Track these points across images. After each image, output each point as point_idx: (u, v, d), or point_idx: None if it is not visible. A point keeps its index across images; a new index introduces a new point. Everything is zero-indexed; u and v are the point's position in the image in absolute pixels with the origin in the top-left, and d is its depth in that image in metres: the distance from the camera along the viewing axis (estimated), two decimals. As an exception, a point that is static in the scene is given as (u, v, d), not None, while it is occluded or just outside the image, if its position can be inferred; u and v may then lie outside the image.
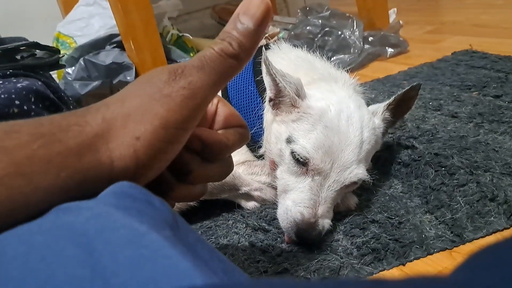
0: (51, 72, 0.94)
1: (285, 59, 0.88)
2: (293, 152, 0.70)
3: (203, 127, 0.43)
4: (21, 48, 0.77)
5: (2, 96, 0.52)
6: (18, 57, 0.77)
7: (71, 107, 0.76)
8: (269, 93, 0.76)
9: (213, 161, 0.43)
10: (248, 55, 0.37)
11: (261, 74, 0.82)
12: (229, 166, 0.46)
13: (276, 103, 0.75)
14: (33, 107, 0.55)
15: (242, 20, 0.36)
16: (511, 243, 0.20)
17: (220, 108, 0.45)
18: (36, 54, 0.78)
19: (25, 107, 0.54)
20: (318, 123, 0.69)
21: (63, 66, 0.97)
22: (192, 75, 0.35)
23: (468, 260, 0.21)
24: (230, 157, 0.47)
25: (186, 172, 0.41)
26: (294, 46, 0.94)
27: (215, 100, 0.45)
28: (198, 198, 0.45)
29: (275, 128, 0.76)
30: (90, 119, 0.33)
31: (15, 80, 0.55)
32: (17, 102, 0.53)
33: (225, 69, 0.36)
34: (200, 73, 0.35)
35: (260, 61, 0.88)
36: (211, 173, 0.43)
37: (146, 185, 0.36)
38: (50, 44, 1.71)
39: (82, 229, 0.26)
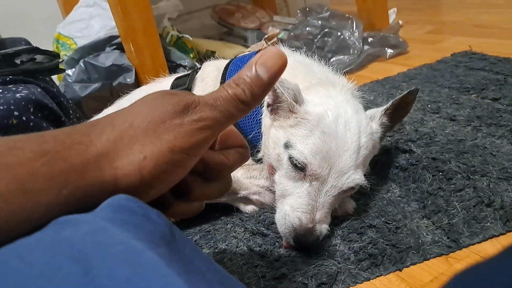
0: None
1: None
2: (291, 158, 0.70)
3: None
4: (21, 52, 0.78)
5: (1, 107, 0.53)
6: (18, 61, 0.77)
7: (71, 111, 0.76)
8: (267, 99, 0.76)
9: (213, 181, 0.45)
10: (257, 102, 0.40)
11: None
12: (228, 184, 0.48)
13: (274, 108, 0.76)
14: (32, 117, 0.56)
15: (258, 70, 0.38)
16: (492, 263, 0.21)
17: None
18: (36, 59, 0.78)
19: (24, 118, 0.54)
20: (316, 129, 0.70)
21: (63, 71, 0.97)
22: (204, 111, 0.37)
23: (454, 278, 0.21)
24: (229, 175, 0.48)
25: (186, 191, 0.43)
26: (293, 50, 0.94)
27: None
28: (195, 214, 0.47)
29: (273, 133, 0.76)
30: (95, 139, 0.34)
31: (14, 89, 0.55)
32: (16, 113, 0.53)
33: (234, 112, 0.38)
34: (212, 111, 0.37)
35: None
36: (210, 192, 0.45)
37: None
38: (50, 45, 1.72)
39: (79, 245, 0.27)
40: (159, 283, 0.24)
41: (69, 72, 1.45)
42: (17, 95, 0.54)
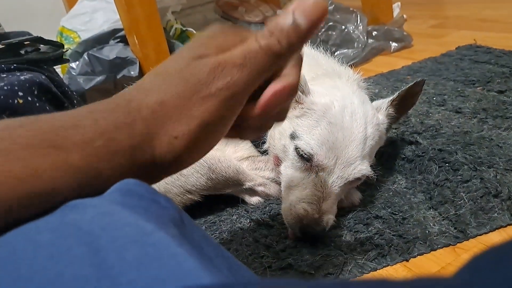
0: (55, 68, 0.94)
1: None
2: (297, 148, 0.70)
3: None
4: (25, 42, 0.78)
5: (5, 87, 0.52)
6: (22, 51, 0.77)
7: (75, 101, 0.76)
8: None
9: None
10: (291, 55, 0.36)
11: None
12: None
13: (280, 99, 0.75)
14: (36, 99, 0.55)
15: (297, 17, 0.34)
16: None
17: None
18: (40, 49, 0.78)
19: (29, 98, 0.54)
20: (322, 119, 0.69)
21: (67, 61, 0.97)
22: (232, 74, 0.34)
23: (471, 261, 0.21)
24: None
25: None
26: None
27: None
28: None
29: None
30: (137, 117, 0.34)
31: (18, 74, 0.55)
32: (20, 93, 0.53)
33: (266, 68, 0.35)
34: (240, 72, 0.34)
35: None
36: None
37: None
38: (54, 39, 1.72)
39: (88, 227, 0.26)
40: (171, 262, 0.24)
41: (73, 65, 1.45)
42: (21, 77, 0.53)
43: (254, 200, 0.85)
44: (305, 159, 0.69)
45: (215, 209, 0.86)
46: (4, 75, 0.56)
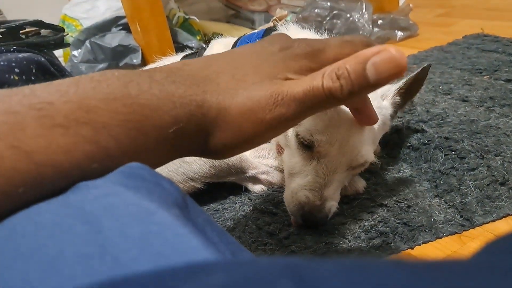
0: (57, 55, 0.93)
1: (292, 40, 0.86)
2: (298, 135, 0.69)
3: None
4: (26, 26, 0.77)
5: (2, 63, 0.51)
6: (23, 36, 0.76)
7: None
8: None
9: None
10: (348, 100, 0.34)
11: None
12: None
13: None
14: (33, 78, 0.54)
15: (369, 69, 0.31)
16: None
17: None
18: (40, 33, 0.77)
19: (24, 77, 0.53)
20: None
21: (68, 45, 0.96)
22: (289, 106, 0.33)
23: (488, 245, 0.20)
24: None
25: None
26: (303, 28, 0.92)
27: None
28: None
29: (282, 111, 0.75)
30: (206, 108, 0.34)
31: (17, 53, 0.54)
32: (17, 70, 0.52)
33: (321, 107, 0.35)
34: (297, 107, 0.34)
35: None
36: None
37: None
38: (56, 26, 1.70)
39: (90, 207, 0.26)
40: (175, 241, 0.23)
41: (75, 52, 1.44)
42: (19, 55, 0.53)
43: (257, 188, 0.84)
44: (306, 146, 0.68)
45: (218, 197, 0.85)
46: (3, 54, 0.55)
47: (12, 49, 0.59)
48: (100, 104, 0.28)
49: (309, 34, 0.89)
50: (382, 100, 0.75)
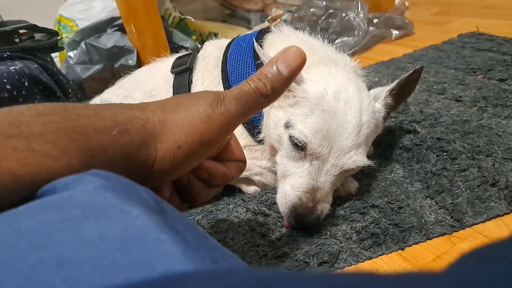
0: (53, 56, 0.93)
1: (285, 42, 0.86)
2: (291, 137, 0.69)
3: (214, 153, 0.48)
4: (20, 30, 0.77)
5: None
6: (17, 40, 0.76)
7: (70, 90, 0.76)
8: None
9: (213, 187, 0.50)
10: (276, 96, 0.43)
11: (261, 57, 0.81)
12: (221, 189, 0.53)
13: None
14: (24, 92, 0.55)
15: (279, 66, 0.42)
16: (506, 242, 0.20)
17: (232, 142, 0.51)
18: (34, 37, 0.77)
19: (15, 92, 0.54)
20: (316, 107, 0.69)
21: (62, 49, 0.96)
22: (231, 104, 0.41)
23: (461, 258, 0.21)
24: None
25: (193, 197, 0.48)
26: (296, 29, 0.92)
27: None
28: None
29: (273, 113, 0.75)
30: (150, 117, 0.38)
31: (9, 63, 0.54)
32: (8, 86, 0.53)
33: (255, 104, 0.42)
34: (237, 104, 0.41)
35: (261, 44, 0.87)
36: (209, 196, 0.51)
37: None
38: (52, 27, 1.70)
39: (69, 209, 0.26)
40: (156, 246, 0.23)
41: (71, 54, 1.44)
42: (11, 68, 0.53)
43: (250, 189, 0.85)
44: (299, 147, 0.69)
45: (212, 198, 0.85)
46: (-5, 66, 0.56)
47: (5, 55, 0.59)
48: (33, 119, 0.30)
49: (302, 36, 0.89)
50: (374, 102, 0.75)
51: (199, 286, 0.18)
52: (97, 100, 1.01)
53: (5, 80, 0.52)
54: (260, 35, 0.91)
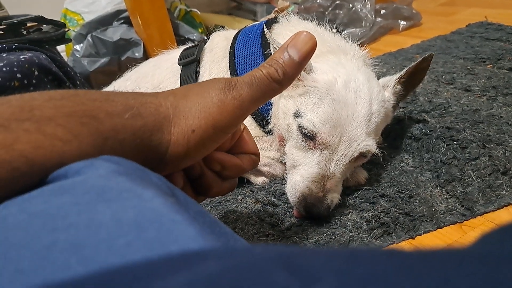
0: (59, 50, 0.93)
1: (293, 32, 0.85)
2: (300, 127, 0.69)
3: (227, 145, 0.48)
4: (27, 22, 0.77)
5: (4, 69, 0.52)
6: (24, 32, 0.76)
7: (78, 82, 0.76)
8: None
9: (226, 179, 0.50)
10: (289, 81, 0.43)
11: (269, 47, 0.81)
12: (235, 182, 0.52)
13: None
14: (34, 81, 0.55)
15: (290, 52, 0.42)
16: None
17: (245, 134, 0.50)
18: (42, 29, 0.77)
19: (25, 81, 0.54)
20: (325, 97, 0.68)
21: (69, 41, 0.96)
22: (243, 89, 0.41)
23: (484, 236, 0.20)
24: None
25: (207, 188, 0.48)
26: (303, 19, 0.91)
27: (242, 126, 0.50)
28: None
29: (283, 103, 0.75)
30: (162, 102, 0.38)
31: (19, 53, 0.54)
32: (18, 75, 0.52)
33: (268, 90, 0.42)
34: (249, 89, 0.41)
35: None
36: (223, 189, 0.50)
37: None
38: (58, 21, 1.71)
39: (82, 192, 0.26)
40: (171, 228, 0.23)
41: (77, 47, 1.44)
42: (21, 57, 0.53)
43: (259, 180, 0.85)
44: (309, 137, 0.68)
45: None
46: (5, 55, 0.56)
47: (13, 46, 0.59)
48: (45, 104, 0.30)
49: (310, 25, 0.88)
50: (384, 89, 0.75)
51: (220, 261, 0.18)
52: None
53: (15, 69, 0.52)
54: (268, 25, 0.90)
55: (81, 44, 1.44)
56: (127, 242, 0.22)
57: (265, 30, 0.75)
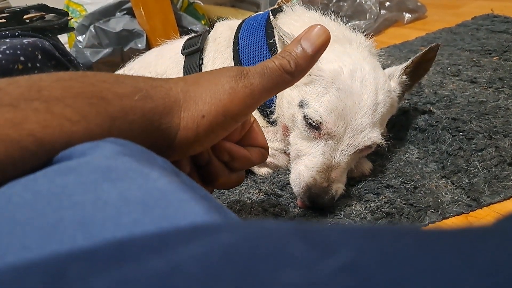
0: (62, 41, 0.92)
1: (298, 21, 0.85)
2: (305, 116, 0.68)
3: (237, 136, 0.48)
4: (30, 11, 0.76)
5: (7, 51, 0.51)
6: (27, 20, 0.76)
7: (80, 69, 0.75)
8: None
9: (234, 171, 0.49)
10: (301, 74, 0.43)
11: (273, 37, 0.80)
12: (243, 175, 0.52)
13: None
14: (38, 65, 0.54)
15: (303, 44, 0.42)
16: None
17: (255, 126, 0.50)
18: (45, 17, 0.77)
19: (29, 64, 0.53)
20: (331, 86, 0.67)
21: (72, 29, 0.96)
22: (254, 78, 0.40)
23: (508, 216, 0.20)
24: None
25: (214, 178, 0.47)
26: (308, 8, 0.90)
27: (252, 118, 0.50)
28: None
29: (287, 92, 0.74)
30: (173, 86, 0.38)
31: (22, 38, 0.54)
32: (22, 58, 0.52)
33: (280, 81, 0.42)
34: (260, 79, 0.40)
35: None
36: (231, 180, 0.49)
37: None
38: (60, 12, 1.70)
39: (88, 172, 0.25)
40: (178, 205, 0.23)
41: (80, 38, 1.43)
42: (24, 40, 0.52)
43: (263, 171, 0.84)
44: (314, 127, 0.68)
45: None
46: (8, 40, 0.55)
47: (16, 33, 0.58)
48: (53, 84, 0.30)
49: (315, 15, 0.88)
50: (390, 79, 0.74)
51: (234, 233, 0.17)
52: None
53: (18, 52, 0.51)
54: (272, 15, 0.89)
55: (84, 35, 1.44)
56: (134, 219, 0.21)
57: (271, 17, 0.74)
